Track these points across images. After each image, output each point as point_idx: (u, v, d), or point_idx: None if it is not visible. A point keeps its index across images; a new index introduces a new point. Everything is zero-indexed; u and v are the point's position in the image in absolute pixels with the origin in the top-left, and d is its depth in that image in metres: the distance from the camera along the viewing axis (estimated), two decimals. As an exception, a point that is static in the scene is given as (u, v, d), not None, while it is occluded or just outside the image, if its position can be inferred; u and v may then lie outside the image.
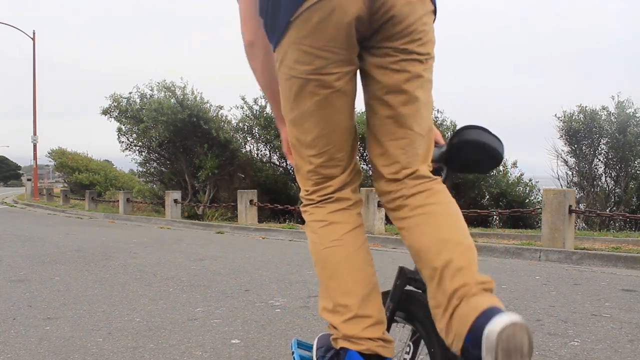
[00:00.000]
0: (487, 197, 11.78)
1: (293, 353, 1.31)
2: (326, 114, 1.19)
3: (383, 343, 1.13)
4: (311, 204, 1.27)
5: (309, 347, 1.33)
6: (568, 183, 11.41)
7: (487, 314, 1.01)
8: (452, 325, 1.05)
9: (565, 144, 11.32)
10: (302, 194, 1.31)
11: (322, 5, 1.08)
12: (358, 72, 1.24)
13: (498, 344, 0.99)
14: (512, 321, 0.99)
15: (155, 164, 13.98)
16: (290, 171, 12.75)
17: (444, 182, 1.23)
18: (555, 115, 11.35)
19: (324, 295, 1.19)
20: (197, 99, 12.12)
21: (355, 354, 1.11)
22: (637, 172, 10.88)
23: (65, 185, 23.42)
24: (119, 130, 13.24)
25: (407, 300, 1.25)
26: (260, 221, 9.70)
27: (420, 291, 1.21)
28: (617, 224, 10.21)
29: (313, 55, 1.14)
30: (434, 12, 1.19)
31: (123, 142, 13.37)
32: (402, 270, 1.25)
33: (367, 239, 1.28)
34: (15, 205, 19.07)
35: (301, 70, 1.16)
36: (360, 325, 1.12)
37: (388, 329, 1.23)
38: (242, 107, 12.36)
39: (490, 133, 1.20)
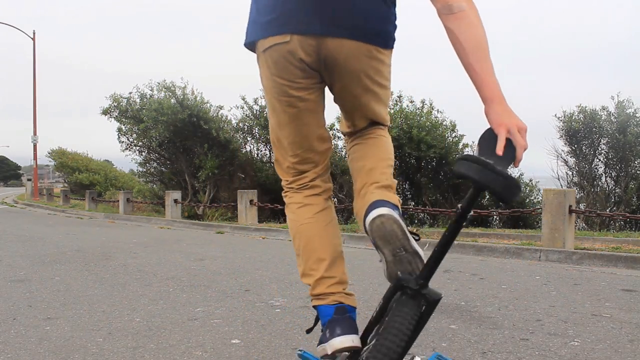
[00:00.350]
0: (487, 197, 11.78)
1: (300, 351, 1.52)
2: (297, 126, 1.48)
3: (345, 295, 1.42)
4: (289, 192, 1.58)
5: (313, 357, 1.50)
6: (568, 183, 11.40)
7: (369, 208, 1.35)
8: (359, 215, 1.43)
9: (565, 144, 11.32)
10: (283, 183, 1.62)
11: (278, 49, 1.37)
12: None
13: (373, 233, 1.31)
14: (379, 214, 1.30)
15: (155, 164, 13.98)
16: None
17: (466, 198, 1.21)
18: (555, 115, 11.36)
19: (300, 263, 1.50)
20: (197, 99, 12.12)
21: (323, 307, 1.41)
22: (637, 172, 10.87)
23: (65, 185, 23.42)
24: (119, 130, 13.25)
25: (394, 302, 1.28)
26: (260, 221, 9.70)
27: (407, 293, 1.25)
28: (617, 224, 10.21)
29: (277, 82, 1.42)
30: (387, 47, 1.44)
31: (123, 142, 13.38)
32: (398, 277, 1.30)
33: (336, 217, 1.58)
34: (15, 205, 19.08)
35: (271, 92, 1.47)
36: (326, 284, 1.42)
37: (377, 323, 1.36)
38: (242, 107, 12.37)
39: (482, 165, 1.11)
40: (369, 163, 1.51)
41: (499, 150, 1.19)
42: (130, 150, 13.47)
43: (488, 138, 1.24)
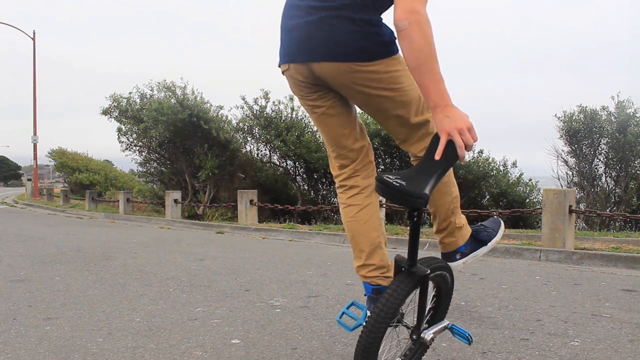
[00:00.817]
0: (487, 197, 11.77)
1: (350, 307, 1.79)
2: (322, 127, 1.80)
3: (383, 278, 1.76)
4: (338, 189, 1.85)
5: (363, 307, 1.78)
6: (568, 183, 11.40)
7: (446, 257, 1.91)
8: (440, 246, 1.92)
9: (565, 144, 11.31)
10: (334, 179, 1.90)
11: (286, 74, 1.74)
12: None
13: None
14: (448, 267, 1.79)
15: (155, 164, 13.97)
16: (290, 171, 12.74)
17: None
18: (555, 115, 11.34)
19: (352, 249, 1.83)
20: (197, 99, 12.10)
21: (365, 284, 1.78)
22: (637, 172, 10.87)
23: (66, 185, 23.42)
24: (119, 130, 13.24)
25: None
26: (260, 221, 9.69)
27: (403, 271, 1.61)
28: (617, 224, 10.21)
29: (297, 95, 1.79)
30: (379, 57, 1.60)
31: (123, 142, 13.37)
32: (395, 258, 1.63)
33: (377, 210, 1.81)
34: (15, 205, 19.07)
35: (299, 102, 1.81)
36: (366, 269, 1.77)
37: None
38: (242, 107, 12.34)
39: (381, 183, 1.44)
40: (440, 204, 1.85)
41: (437, 155, 1.42)
42: (130, 150, 13.47)
43: (434, 143, 1.45)
